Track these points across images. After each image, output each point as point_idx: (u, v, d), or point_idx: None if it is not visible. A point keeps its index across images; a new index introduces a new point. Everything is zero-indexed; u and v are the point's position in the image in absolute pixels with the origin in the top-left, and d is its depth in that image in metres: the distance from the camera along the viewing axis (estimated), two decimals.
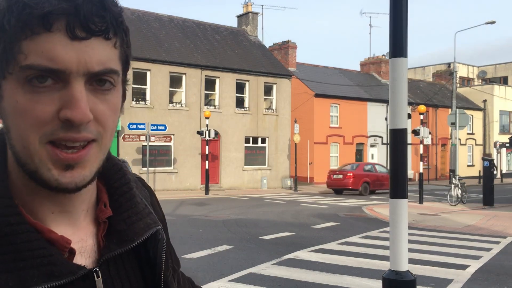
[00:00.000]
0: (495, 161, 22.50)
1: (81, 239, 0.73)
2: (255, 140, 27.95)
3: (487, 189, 18.08)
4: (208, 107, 25.76)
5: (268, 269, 7.44)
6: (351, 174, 23.58)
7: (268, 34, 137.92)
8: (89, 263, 0.72)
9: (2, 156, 0.70)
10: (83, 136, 0.64)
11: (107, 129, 0.68)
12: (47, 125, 0.62)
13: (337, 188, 24.05)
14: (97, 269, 0.71)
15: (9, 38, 0.61)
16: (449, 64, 42.27)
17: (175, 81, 24.79)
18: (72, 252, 0.69)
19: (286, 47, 32.73)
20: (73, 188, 0.66)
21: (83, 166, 0.66)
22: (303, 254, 8.64)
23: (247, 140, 27.49)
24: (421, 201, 18.27)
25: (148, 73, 23.55)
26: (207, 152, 22.57)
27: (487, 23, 29.75)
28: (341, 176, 23.79)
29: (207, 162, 22.60)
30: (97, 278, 0.71)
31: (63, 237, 0.68)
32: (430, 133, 22.82)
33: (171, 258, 0.87)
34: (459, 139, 32.46)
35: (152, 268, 0.80)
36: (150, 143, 22.24)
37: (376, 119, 33.42)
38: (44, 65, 0.61)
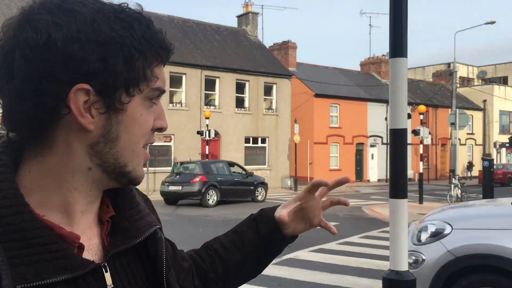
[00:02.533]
0: (493, 160, 22.47)
1: (89, 237, 0.77)
2: (255, 140, 27.96)
3: (486, 189, 18.07)
4: (208, 107, 25.76)
5: (268, 268, 7.35)
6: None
7: (268, 34, 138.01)
8: (96, 259, 0.76)
9: (13, 162, 0.74)
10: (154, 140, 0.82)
11: None
12: (149, 133, 0.78)
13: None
14: (105, 264, 0.76)
15: (143, 62, 0.74)
16: (449, 64, 42.27)
17: (175, 81, 24.79)
18: (81, 248, 0.73)
19: (286, 47, 32.73)
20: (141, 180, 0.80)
21: None
22: (303, 254, 8.64)
23: (247, 140, 27.49)
24: (421, 201, 18.27)
25: None
26: (207, 152, 22.57)
27: (487, 23, 29.75)
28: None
29: None
30: (105, 272, 0.75)
31: (72, 232, 0.72)
32: (430, 133, 22.82)
33: (171, 258, 0.92)
34: (459, 139, 32.41)
35: (153, 267, 0.84)
36: None
37: (376, 119, 33.41)
38: (163, 89, 0.79)
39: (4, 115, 0.72)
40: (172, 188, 17.49)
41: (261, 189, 19.36)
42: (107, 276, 0.75)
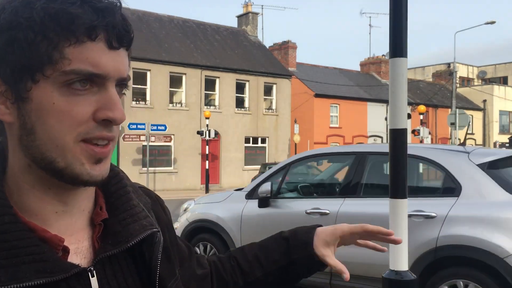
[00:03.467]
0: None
1: (78, 240, 0.75)
2: (255, 140, 27.96)
3: None
4: (208, 107, 25.77)
5: None
6: None
7: (268, 34, 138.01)
8: (84, 263, 0.73)
9: (1, 162, 0.73)
10: (112, 135, 0.71)
11: (118, 130, 0.75)
12: (83, 125, 0.68)
13: None
14: (92, 269, 0.73)
15: (49, 44, 0.66)
16: (449, 64, 42.29)
17: (175, 81, 24.79)
18: (66, 251, 0.71)
19: (286, 47, 32.73)
20: (100, 180, 0.71)
21: (106, 161, 0.72)
22: None
23: (247, 140, 27.49)
24: None
25: (148, 73, 23.56)
26: (207, 152, 22.57)
27: (487, 23, 29.75)
28: None
29: (207, 162, 22.60)
30: (92, 277, 0.72)
31: (56, 235, 0.70)
32: (430, 133, 22.83)
33: (171, 261, 0.87)
34: (459, 139, 32.41)
35: (148, 271, 0.80)
36: (150, 143, 22.26)
37: (376, 119, 33.42)
38: (89, 70, 0.67)
39: None
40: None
41: None
42: (93, 281, 0.72)
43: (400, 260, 3.15)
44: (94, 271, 0.73)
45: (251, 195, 5.83)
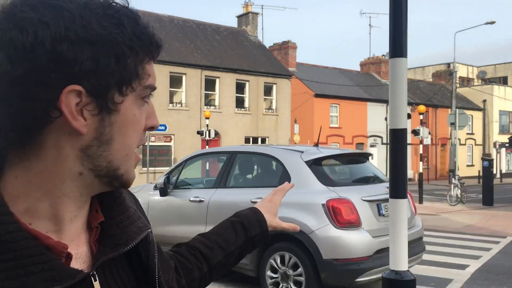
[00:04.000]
0: (493, 161, 22.53)
1: (77, 245, 0.74)
2: (255, 140, 27.94)
3: (486, 189, 18.08)
4: (208, 107, 25.76)
5: None
6: None
7: (268, 34, 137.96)
8: (84, 268, 0.73)
9: None
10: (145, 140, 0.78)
11: None
12: (142, 133, 0.76)
13: None
14: (94, 273, 0.73)
15: (135, 60, 0.71)
16: (448, 64, 42.27)
17: (175, 81, 24.79)
18: (69, 257, 0.70)
19: (286, 47, 32.72)
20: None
21: None
22: None
23: (247, 140, 27.48)
24: (421, 201, 18.27)
25: None
26: None
27: (487, 23, 29.74)
28: None
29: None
30: (94, 281, 0.72)
31: (59, 242, 0.69)
32: (429, 133, 22.82)
33: (162, 253, 0.92)
34: (459, 139, 32.40)
35: (145, 272, 0.81)
36: (150, 143, 22.25)
37: (376, 119, 33.42)
38: (154, 86, 0.76)
39: None
40: None
41: None
42: (96, 285, 0.72)
43: (400, 260, 3.15)
44: (97, 275, 0.73)
45: (156, 186, 7.16)
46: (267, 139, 28.26)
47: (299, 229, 1.27)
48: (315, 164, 5.81)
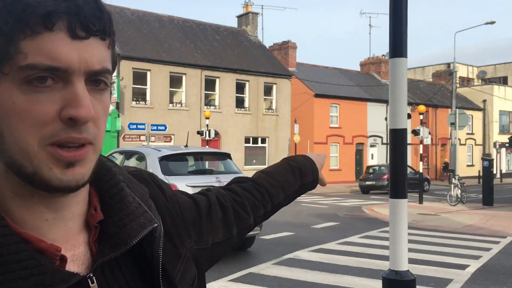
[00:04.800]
0: (494, 161, 22.54)
1: (73, 246, 0.71)
2: (255, 140, 27.94)
3: (486, 189, 18.07)
4: (208, 107, 25.76)
5: (268, 268, 7.45)
6: None
7: (268, 34, 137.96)
8: (82, 269, 0.70)
9: None
10: (83, 137, 0.64)
11: (101, 130, 0.68)
12: (47, 126, 0.62)
13: None
14: (91, 275, 0.69)
15: (5, 39, 0.60)
16: (448, 64, 42.28)
17: (175, 81, 24.78)
18: (63, 260, 0.67)
19: (286, 47, 32.72)
20: (74, 186, 0.65)
21: (82, 164, 0.65)
22: (303, 254, 8.65)
23: (247, 140, 27.48)
24: (421, 201, 18.28)
25: (148, 73, 23.55)
26: None
27: (487, 23, 29.74)
28: None
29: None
30: (91, 284, 0.69)
31: (52, 245, 0.66)
32: (429, 133, 22.83)
33: (175, 244, 0.84)
34: (459, 139, 32.39)
35: (150, 267, 0.77)
36: (150, 143, 22.23)
37: (376, 119, 33.42)
38: (46, 64, 0.60)
39: None
40: (368, 182, 25.08)
41: (426, 182, 26.04)
42: (94, 287, 0.69)
43: (400, 260, 3.16)
44: (94, 277, 0.69)
45: None
46: (267, 139, 28.26)
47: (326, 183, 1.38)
48: (164, 160, 7.82)
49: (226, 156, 8.97)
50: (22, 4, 0.59)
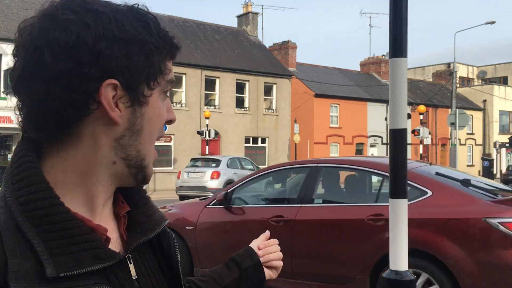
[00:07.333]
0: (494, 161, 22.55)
1: (109, 231, 0.80)
2: (255, 140, 27.96)
3: None
4: (208, 107, 25.77)
5: None
6: None
7: (268, 34, 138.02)
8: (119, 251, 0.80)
9: (36, 159, 0.76)
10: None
11: None
12: (162, 126, 0.83)
13: None
14: (130, 256, 0.81)
15: (161, 58, 0.78)
16: (449, 64, 42.28)
17: (175, 81, 24.79)
18: (107, 240, 0.77)
19: (286, 47, 32.74)
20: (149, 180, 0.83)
21: None
22: None
23: (247, 140, 27.49)
24: None
25: None
26: (207, 152, 22.57)
27: (487, 23, 29.75)
28: None
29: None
30: (130, 263, 0.80)
31: (100, 225, 0.76)
32: (429, 133, 22.84)
33: None
34: (459, 139, 32.41)
35: (166, 262, 0.89)
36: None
37: (376, 119, 33.43)
38: (174, 79, 0.83)
39: (29, 115, 0.74)
40: None
41: None
42: (132, 268, 0.80)
43: (400, 260, 3.15)
44: (131, 259, 0.81)
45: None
46: (267, 139, 28.28)
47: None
48: None
49: None
50: (169, 37, 0.80)
